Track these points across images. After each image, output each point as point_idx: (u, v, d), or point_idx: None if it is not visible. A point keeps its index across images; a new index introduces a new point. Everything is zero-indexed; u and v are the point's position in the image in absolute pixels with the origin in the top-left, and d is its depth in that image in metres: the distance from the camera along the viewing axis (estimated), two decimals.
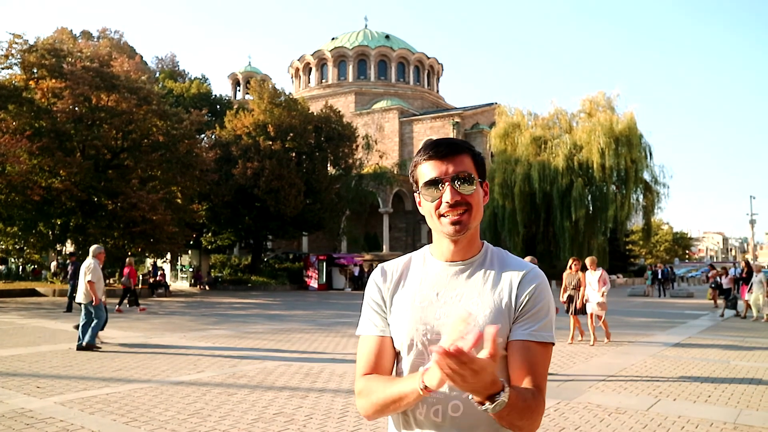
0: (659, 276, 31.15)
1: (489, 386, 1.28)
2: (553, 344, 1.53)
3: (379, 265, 1.68)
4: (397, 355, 1.60)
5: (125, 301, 18.19)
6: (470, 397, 1.32)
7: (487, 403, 1.30)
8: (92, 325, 10.06)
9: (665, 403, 6.55)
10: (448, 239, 1.54)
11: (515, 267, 1.57)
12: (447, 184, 1.49)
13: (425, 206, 1.55)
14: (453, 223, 1.49)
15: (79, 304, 10.42)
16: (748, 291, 17.23)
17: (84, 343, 9.92)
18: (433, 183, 1.51)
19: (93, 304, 10.14)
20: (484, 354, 1.20)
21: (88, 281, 10.22)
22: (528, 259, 10.64)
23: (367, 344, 1.60)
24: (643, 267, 58.09)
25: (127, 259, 19.07)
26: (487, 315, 1.49)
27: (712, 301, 22.31)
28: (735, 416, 6.01)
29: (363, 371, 1.57)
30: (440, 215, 1.51)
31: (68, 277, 18.80)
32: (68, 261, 20.47)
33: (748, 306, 17.46)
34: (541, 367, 1.49)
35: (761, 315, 16.76)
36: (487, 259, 1.58)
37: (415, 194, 1.61)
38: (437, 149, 1.52)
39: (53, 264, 34.47)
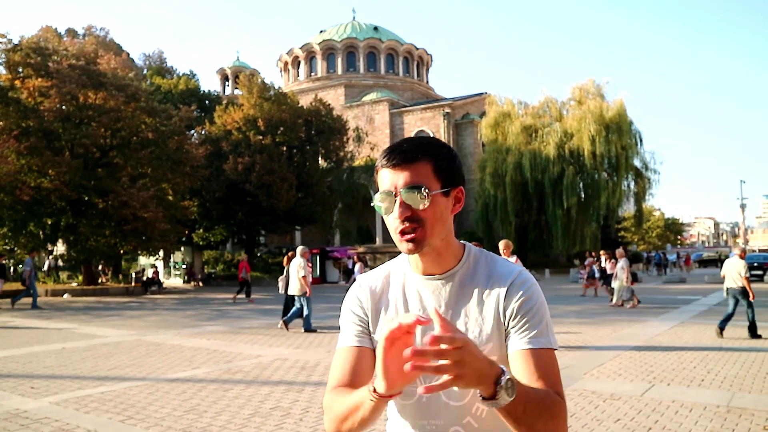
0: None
1: (487, 366, 1.11)
2: (556, 350, 1.36)
3: (357, 280, 1.54)
4: None
5: (239, 293, 20.71)
6: (478, 393, 1.15)
7: (500, 390, 1.12)
8: (305, 314, 12.01)
9: (659, 388, 6.60)
10: None
11: (501, 273, 1.41)
12: (397, 198, 1.33)
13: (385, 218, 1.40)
14: (407, 241, 1.34)
15: (292, 295, 12.38)
16: (614, 278, 17.28)
17: (305, 329, 11.97)
18: (385, 196, 1.35)
19: (307, 295, 12.01)
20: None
21: (302, 276, 12.02)
22: (503, 244, 9.94)
23: (342, 356, 1.43)
24: (637, 254, 58.37)
25: (242, 257, 22.57)
26: (477, 334, 1.37)
27: (583, 290, 21.43)
28: (728, 399, 6.06)
29: (333, 384, 1.38)
30: (395, 230, 1.36)
31: None
32: None
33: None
34: (551, 372, 1.32)
35: (626, 300, 16.68)
36: (469, 269, 1.44)
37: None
38: (389, 156, 1.36)
39: (45, 264, 34.30)
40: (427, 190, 1.32)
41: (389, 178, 1.35)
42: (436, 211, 1.35)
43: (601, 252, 20.39)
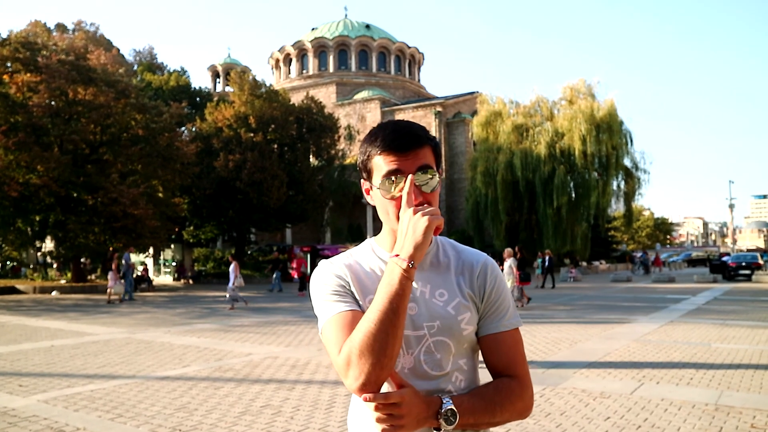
0: (546, 264, 27.05)
1: (425, 409, 1.29)
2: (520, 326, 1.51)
3: (322, 263, 1.50)
4: None
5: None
6: (459, 361, 1.42)
7: (442, 422, 1.29)
8: None
9: (648, 387, 6.64)
10: None
11: (471, 255, 1.51)
12: (407, 182, 1.35)
13: (381, 202, 1.41)
14: None
15: None
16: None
17: None
18: (393, 179, 1.37)
19: None
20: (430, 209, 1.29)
21: None
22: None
23: (339, 321, 1.35)
24: (626, 253, 58.66)
25: (299, 254, 23.81)
26: (456, 303, 1.43)
27: None
28: (716, 398, 6.10)
29: (339, 345, 1.32)
30: (394, 213, 1.38)
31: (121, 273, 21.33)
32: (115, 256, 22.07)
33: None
34: (517, 353, 1.47)
35: (516, 299, 16.66)
36: (440, 249, 1.51)
37: (362, 181, 1.47)
38: (399, 141, 1.37)
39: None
40: (437, 175, 1.40)
41: (397, 162, 1.38)
42: (438, 194, 1.43)
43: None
